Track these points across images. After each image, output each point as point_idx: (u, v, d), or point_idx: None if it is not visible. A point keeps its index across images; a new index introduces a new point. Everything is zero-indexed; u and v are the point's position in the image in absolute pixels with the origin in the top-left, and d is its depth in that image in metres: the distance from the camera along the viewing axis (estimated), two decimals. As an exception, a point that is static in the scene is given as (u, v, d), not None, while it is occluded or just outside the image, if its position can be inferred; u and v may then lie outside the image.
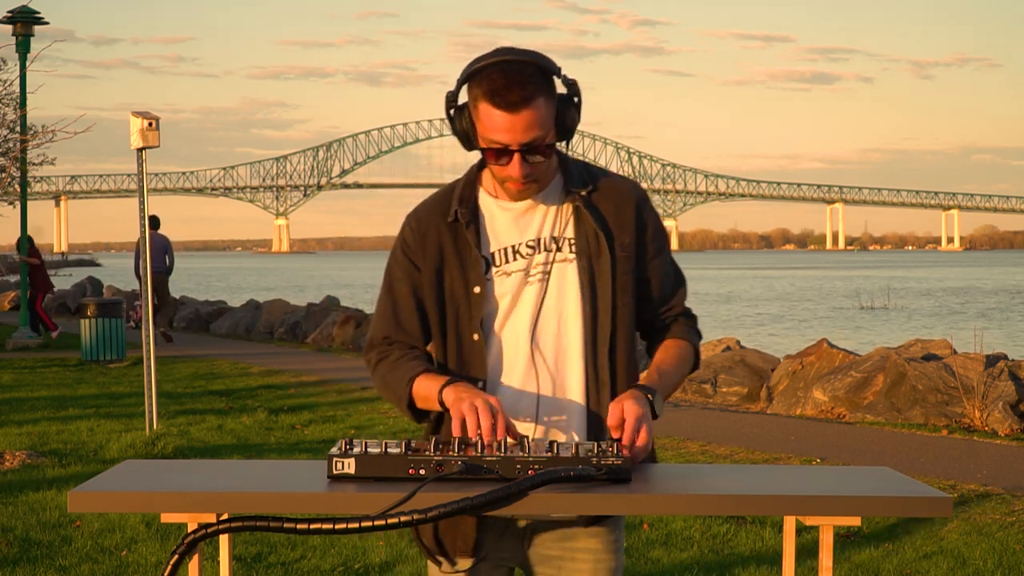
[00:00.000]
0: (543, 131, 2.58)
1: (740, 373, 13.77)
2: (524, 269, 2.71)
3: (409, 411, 2.70)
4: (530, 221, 2.72)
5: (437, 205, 2.75)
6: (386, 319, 2.76)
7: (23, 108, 18.78)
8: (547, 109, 2.58)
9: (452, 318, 2.71)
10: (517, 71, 2.56)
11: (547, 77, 2.60)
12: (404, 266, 2.74)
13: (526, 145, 2.58)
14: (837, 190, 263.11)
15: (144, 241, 10.46)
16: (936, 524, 6.87)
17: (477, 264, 2.69)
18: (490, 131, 2.58)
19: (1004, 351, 13.71)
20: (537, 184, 2.67)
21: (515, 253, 2.71)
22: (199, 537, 2.37)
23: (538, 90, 2.56)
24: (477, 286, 2.68)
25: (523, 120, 2.55)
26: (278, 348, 20.65)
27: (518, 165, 2.60)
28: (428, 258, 2.71)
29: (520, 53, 2.59)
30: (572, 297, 2.71)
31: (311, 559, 6.12)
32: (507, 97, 2.54)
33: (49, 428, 10.51)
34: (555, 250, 2.71)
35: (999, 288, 59.39)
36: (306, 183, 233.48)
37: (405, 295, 2.73)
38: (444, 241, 2.71)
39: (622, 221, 2.73)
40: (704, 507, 2.46)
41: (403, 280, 2.74)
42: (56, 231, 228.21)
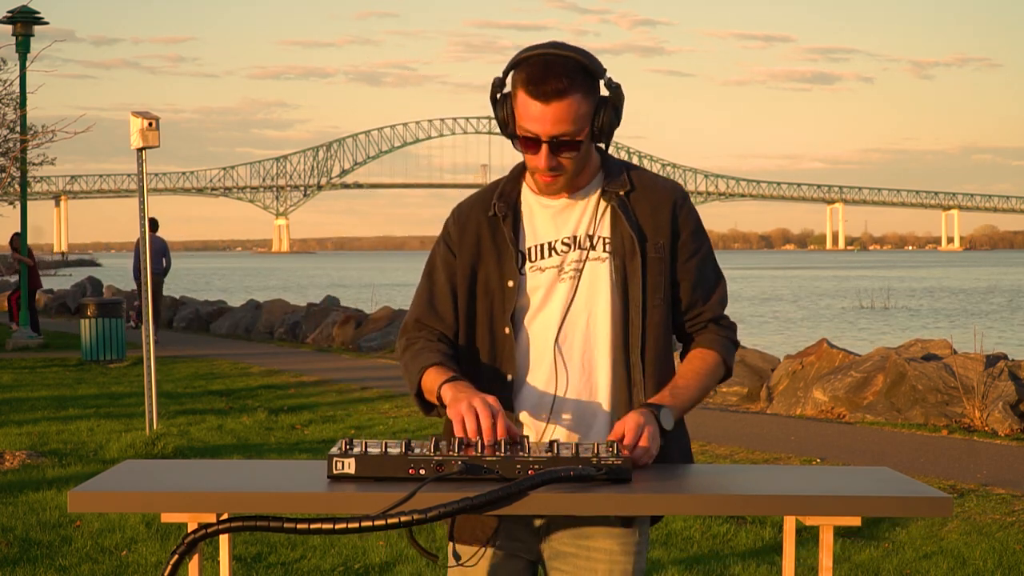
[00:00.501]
0: (574, 127, 2.60)
1: (740, 373, 13.77)
2: (558, 266, 2.73)
3: (417, 400, 2.74)
4: (568, 218, 2.75)
5: (480, 199, 2.81)
6: (422, 303, 2.80)
7: (23, 108, 18.79)
8: (583, 107, 2.60)
9: (485, 310, 2.74)
10: (559, 64, 2.58)
11: (590, 76, 2.62)
12: (444, 255, 2.79)
13: (555, 138, 2.60)
14: (837, 190, 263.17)
15: (144, 241, 10.46)
16: (936, 524, 6.87)
17: (512, 258, 2.72)
18: (524, 119, 2.61)
19: (1004, 351, 13.70)
20: (565, 178, 2.68)
21: (551, 249, 2.74)
22: (199, 537, 2.37)
23: (575, 86, 2.58)
24: (511, 280, 2.72)
25: (554, 112, 2.57)
26: (278, 348, 20.65)
27: (544, 157, 2.62)
28: (465, 249, 2.76)
29: (568, 49, 2.61)
30: (603, 296, 2.72)
31: (311, 559, 6.12)
32: (542, 87, 2.57)
33: (49, 428, 10.51)
34: (589, 248, 2.73)
35: (999, 288, 59.38)
36: (306, 183, 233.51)
37: (442, 282, 2.78)
38: (483, 234, 2.75)
39: (658, 222, 2.73)
40: (704, 507, 2.46)
41: (442, 268, 2.79)
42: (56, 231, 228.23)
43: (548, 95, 2.56)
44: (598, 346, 2.72)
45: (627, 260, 2.70)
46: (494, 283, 2.73)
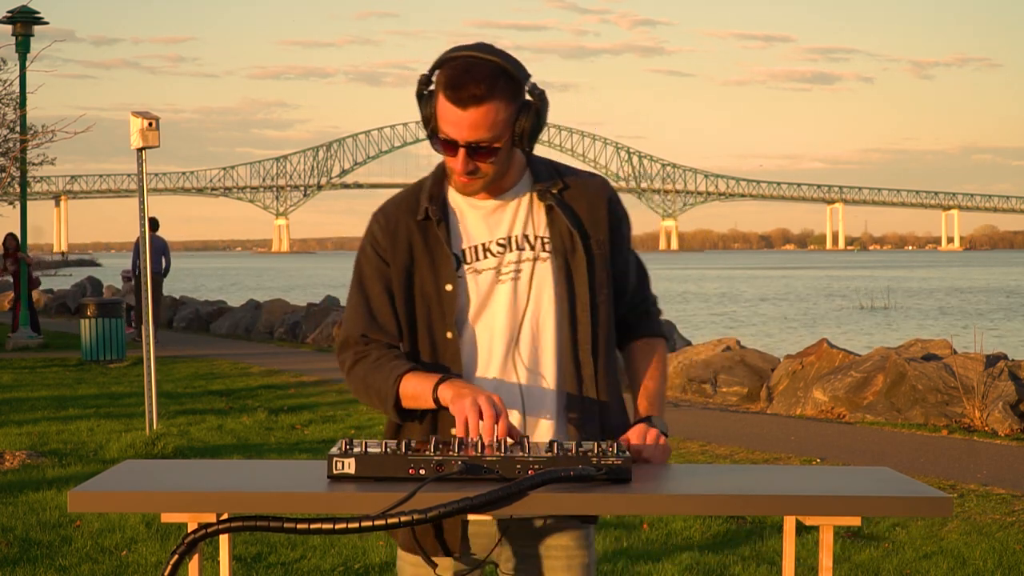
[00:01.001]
0: (492, 134, 2.58)
1: (740, 373, 13.77)
2: (495, 267, 2.71)
3: (395, 411, 2.67)
4: (500, 219, 2.73)
5: (405, 202, 2.74)
6: (360, 316, 2.73)
7: (23, 108, 18.81)
8: (501, 113, 2.58)
9: (423, 316, 2.70)
10: (479, 69, 2.55)
11: (513, 82, 2.59)
12: (375, 263, 2.73)
13: (471, 144, 2.59)
14: (837, 190, 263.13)
15: (144, 241, 10.46)
16: (936, 524, 6.87)
17: (448, 262, 2.69)
18: (442, 122, 2.60)
19: (1004, 351, 13.70)
20: (483, 181, 2.66)
21: (485, 251, 2.72)
22: (199, 537, 2.37)
23: (495, 92, 2.56)
24: (449, 284, 2.68)
25: (471, 118, 2.56)
26: (278, 348, 20.65)
27: (461, 161, 2.61)
28: (398, 255, 2.70)
29: (492, 52, 2.59)
30: (547, 295, 2.72)
31: (311, 559, 6.12)
32: (460, 92, 2.55)
33: (49, 428, 10.51)
34: (527, 248, 2.72)
35: (999, 288, 59.38)
36: (306, 183, 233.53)
37: (378, 292, 2.72)
38: (414, 239, 2.70)
39: (596, 218, 2.75)
40: (704, 507, 2.46)
41: (374, 277, 2.72)
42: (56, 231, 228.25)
43: (466, 101, 2.54)
44: (545, 345, 2.72)
45: (570, 258, 2.71)
46: (430, 288, 2.69)
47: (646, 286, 2.90)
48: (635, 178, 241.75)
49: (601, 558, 6.15)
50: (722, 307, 44.37)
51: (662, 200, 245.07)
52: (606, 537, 6.51)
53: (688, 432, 10.58)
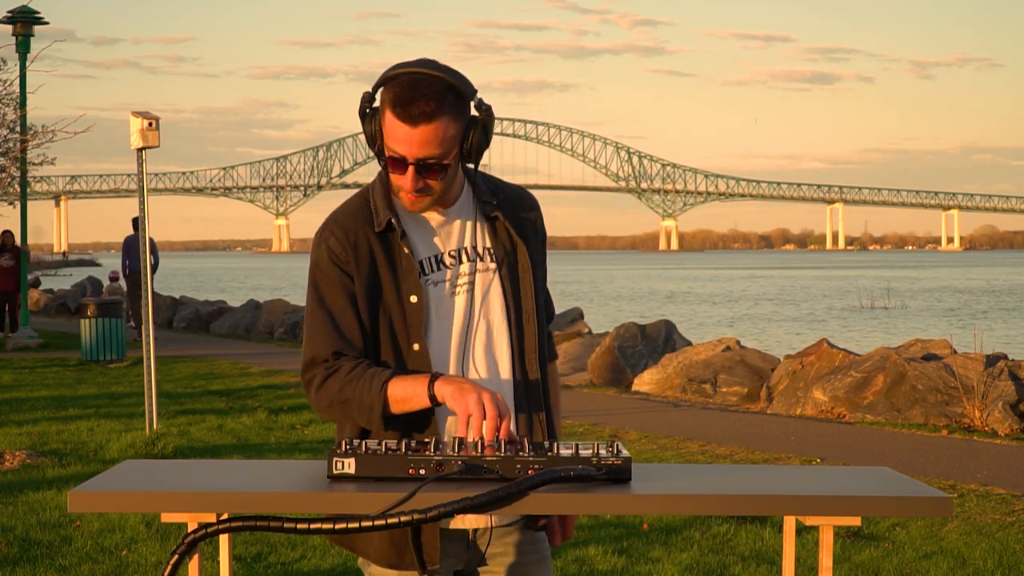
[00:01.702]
0: (441, 150, 2.58)
1: (740, 373, 13.77)
2: (449, 279, 2.72)
3: (380, 419, 2.62)
4: (449, 232, 2.74)
5: (358, 214, 2.71)
6: (327, 333, 2.65)
7: (23, 108, 18.81)
8: (450, 129, 2.58)
9: (387, 328, 2.67)
10: (427, 85, 2.55)
11: (459, 98, 2.59)
12: (335, 277, 2.67)
13: (421, 160, 2.58)
14: (837, 190, 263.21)
15: (144, 241, 10.46)
16: (936, 524, 6.88)
17: (412, 273, 2.67)
18: (391, 140, 2.59)
19: (1004, 351, 13.71)
20: (432, 198, 2.67)
21: (439, 263, 2.72)
22: (199, 537, 2.37)
23: (443, 109, 2.56)
24: (414, 295, 2.67)
25: (421, 135, 2.55)
26: (278, 348, 20.66)
27: (411, 178, 2.60)
28: (361, 268, 2.66)
29: (437, 68, 2.59)
30: (497, 305, 2.75)
31: (311, 559, 6.12)
32: (409, 110, 2.54)
33: (49, 428, 10.52)
34: (477, 259, 2.75)
35: (999, 288, 59.39)
36: (306, 183, 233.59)
37: (342, 306, 2.66)
38: (376, 250, 2.67)
39: (531, 229, 2.81)
40: (704, 507, 2.46)
41: (337, 291, 2.67)
42: (56, 231, 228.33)
43: (415, 118, 2.54)
44: (501, 354, 2.74)
45: (513, 268, 2.76)
46: (392, 300, 2.66)
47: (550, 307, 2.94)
48: (635, 178, 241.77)
49: (601, 558, 6.15)
50: (722, 307, 44.38)
51: (662, 200, 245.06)
52: (606, 537, 6.52)
53: (688, 432, 10.58)
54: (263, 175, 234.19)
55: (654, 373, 14.54)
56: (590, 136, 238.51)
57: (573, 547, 6.31)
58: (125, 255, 19.87)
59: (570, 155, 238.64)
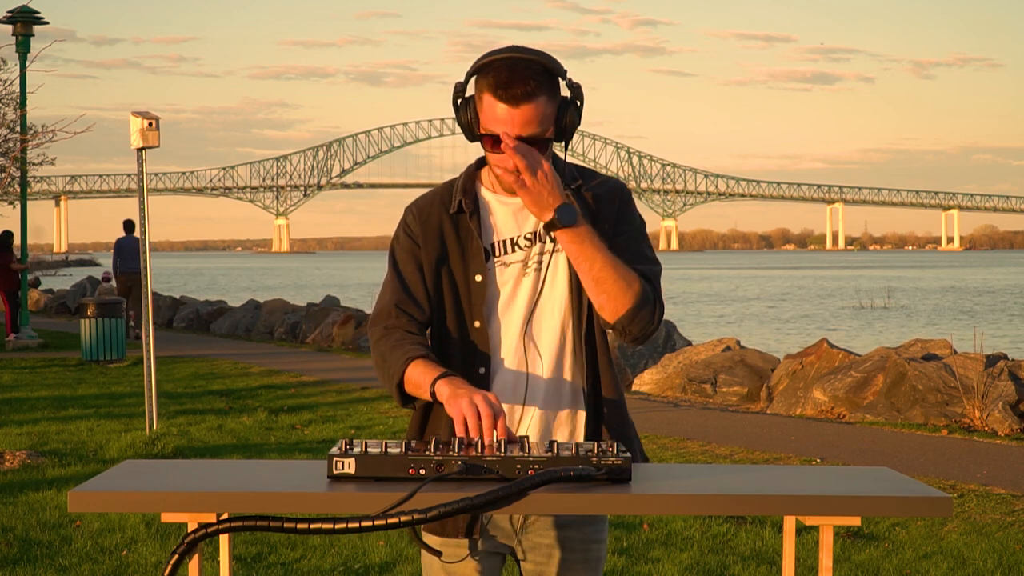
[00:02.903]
0: (541, 128, 2.67)
1: (740, 373, 13.77)
2: (523, 260, 2.80)
3: (398, 392, 2.72)
4: (528, 215, 2.81)
5: (438, 197, 2.85)
6: (395, 290, 2.80)
7: (23, 108, 18.81)
8: (548, 108, 2.67)
9: (452, 305, 2.79)
10: (523, 68, 2.65)
11: (552, 77, 2.69)
12: (408, 248, 2.82)
13: (524, 139, 2.66)
14: (837, 190, 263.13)
15: (144, 243, 10.46)
16: (936, 524, 6.88)
17: (478, 253, 2.78)
18: (491, 122, 2.67)
19: (1004, 351, 13.72)
20: None
21: (514, 245, 2.81)
22: (199, 537, 2.37)
23: (540, 88, 2.65)
24: (478, 274, 2.77)
25: (522, 114, 2.65)
26: (278, 348, 20.65)
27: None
28: (430, 245, 2.80)
29: (529, 52, 2.68)
30: (563, 285, 2.81)
31: (311, 559, 6.12)
32: (510, 91, 2.63)
33: (49, 428, 10.52)
34: (549, 241, 2.81)
35: (999, 288, 59.38)
36: (306, 183, 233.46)
37: (412, 271, 2.80)
38: (446, 230, 2.80)
39: (605, 213, 2.82)
40: (704, 507, 2.46)
41: (408, 261, 2.81)
42: (56, 231, 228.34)
43: (517, 98, 2.63)
44: (566, 332, 2.80)
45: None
46: (460, 278, 2.79)
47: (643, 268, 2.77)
48: (635, 178, 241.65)
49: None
50: (722, 307, 44.37)
51: (662, 200, 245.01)
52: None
53: (688, 432, 10.58)
54: (263, 175, 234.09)
55: (654, 373, 14.54)
56: (590, 136, 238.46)
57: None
58: (116, 256, 20.13)
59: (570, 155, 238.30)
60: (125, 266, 20.08)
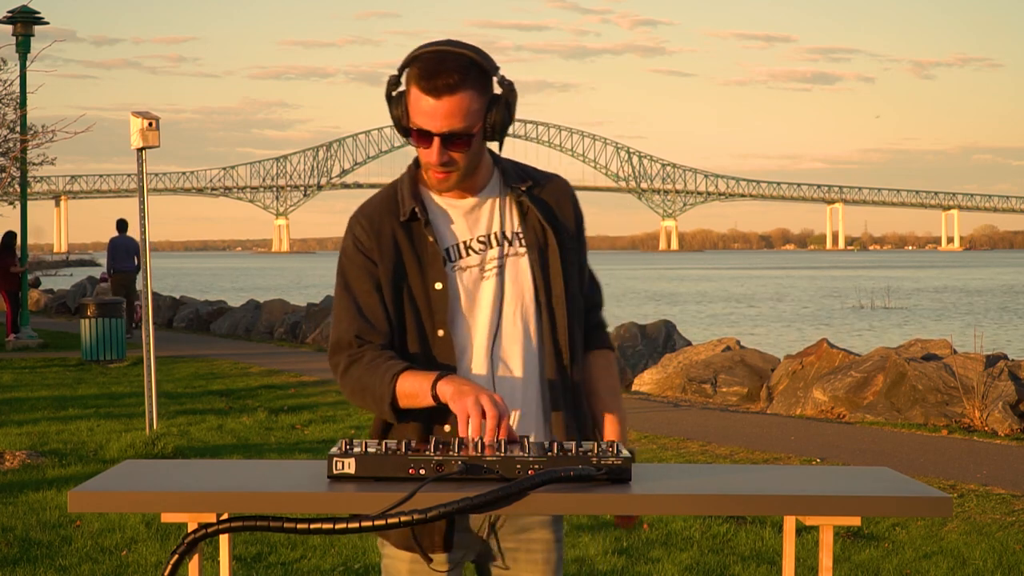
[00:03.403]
0: (466, 123, 2.62)
1: (740, 373, 13.78)
2: (479, 264, 2.75)
3: (391, 410, 2.66)
4: (478, 217, 2.77)
5: (385, 205, 2.76)
6: (352, 317, 2.71)
7: (23, 108, 18.81)
8: (474, 103, 2.62)
9: (413, 316, 2.72)
10: (451, 60, 2.60)
11: (482, 73, 2.63)
12: (361, 264, 2.73)
13: (446, 133, 2.62)
14: (837, 190, 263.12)
15: (145, 242, 10.46)
16: (936, 524, 6.88)
17: (436, 260, 2.71)
18: (415, 115, 2.63)
19: (1004, 351, 13.73)
20: (458, 175, 2.69)
21: (468, 249, 2.76)
22: (199, 537, 2.37)
23: (466, 82, 2.60)
24: (438, 282, 2.71)
25: (446, 107, 2.59)
26: (278, 348, 20.65)
27: (436, 151, 2.64)
28: (386, 257, 2.71)
29: (460, 46, 2.63)
30: (527, 289, 2.77)
31: (311, 559, 6.12)
32: (434, 82, 2.58)
33: (49, 428, 10.52)
34: (506, 244, 2.77)
35: (999, 288, 59.38)
36: (306, 183, 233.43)
37: (367, 291, 2.71)
38: (400, 239, 2.72)
39: (564, 214, 2.82)
40: (704, 507, 2.46)
41: (362, 278, 2.72)
42: (56, 231, 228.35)
43: (440, 90, 2.58)
44: (530, 338, 2.76)
45: (546, 252, 2.77)
46: (419, 288, 2.71)
47: (599, 293, 2.95)
48: (635, 178, 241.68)
49: (601, 558, 6.15)
50: (722, 307, 44.38)
51: (662, 200, 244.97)
52: (606, 537, 6.51)
53: (688, 432, 10.58)
54: (263, 175, 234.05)
55: (654, 373, 14.54)
56: (590, 136, 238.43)
57: (573, 547, 6.31)
58: (110, 255, 20.19)
59: (570, 155, 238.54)
60: (119, 266, 20.16)
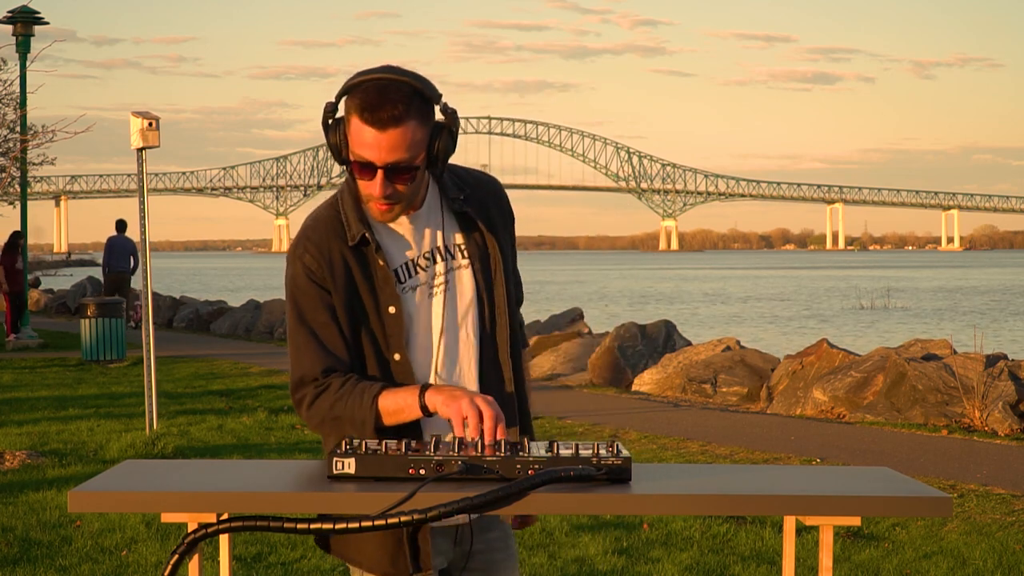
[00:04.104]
0: (410, 154, 2.56)
1: (740, 373, 13.77)
2: (426, 282, 2.72)
3: (375, 434, 2.61)
4: (421, 235, 2.72)
5: (330, 228, 2.68)
6: (313, 352, 2.64)
7: (23, 108, 18.82)
8: (417, 132, 2.56)
9: (369, 341, 2.66)
10: (394, 90, 2.54)
11: (425, 102, 2.58)
12: (315, 294, 2.65)
13: (391, 165, 2.56)
14: (837, 190, 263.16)
15: (145, 243, 10.47)
16: (936, 524, 6.88)
17: (388, 284, 2.66)
18: (358, 146, 2.57)
19: (1004, 351, 13.72)
20: (401, 206, 2.65)
21: (415, 267, 2.71)
22: (199, 537, 2.37)
23: (410, 113, 2.54)
24: (391, 306, 2.66)
25: (390, 139, 2.54)
26: (278, 348, 20.64)
27: (380, 184, 2.58)
28: (339, 283, 2.64)
29: (402, 73, 2.58)
30: (471, 301, 2.75)
31: (311, 559, 6.12)
32: (377, 114, 2.52)
33: (49, 428, 10.52)
34: (449, 258, 2.74)
35: (999, 288, 59.39)
36: (306, 183, 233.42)
37: (324, 322, 2.64)
38: (350, 264, 2.66)
39: (499, 216, 2.81)
40: (704, 507, 2.46)
41: (318, 309, 2.65)
42: (56, 231, 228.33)
43: (384, 122, 2.52)
44: (472, 351, 2.74)
45: (488, 262, 2.76)
46: (372, 312, 2.65)
47: (521, 290, 2.94)
48: (635, 178, 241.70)
49: (601, 558, 6.15)
50: (722, 307, 44.38)
51: (662, 200, 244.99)
52: (606, 537, 6.52)
53: (688, 432, 10.58)
54: (263, 175, 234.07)
55: (654, 373, 14.54)
56: (590, 136, 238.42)
57: (573, 547, 6.31)
58: (107, 255, 20.23)
59: (570, 155, 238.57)
60: (115, 265, 20.21)
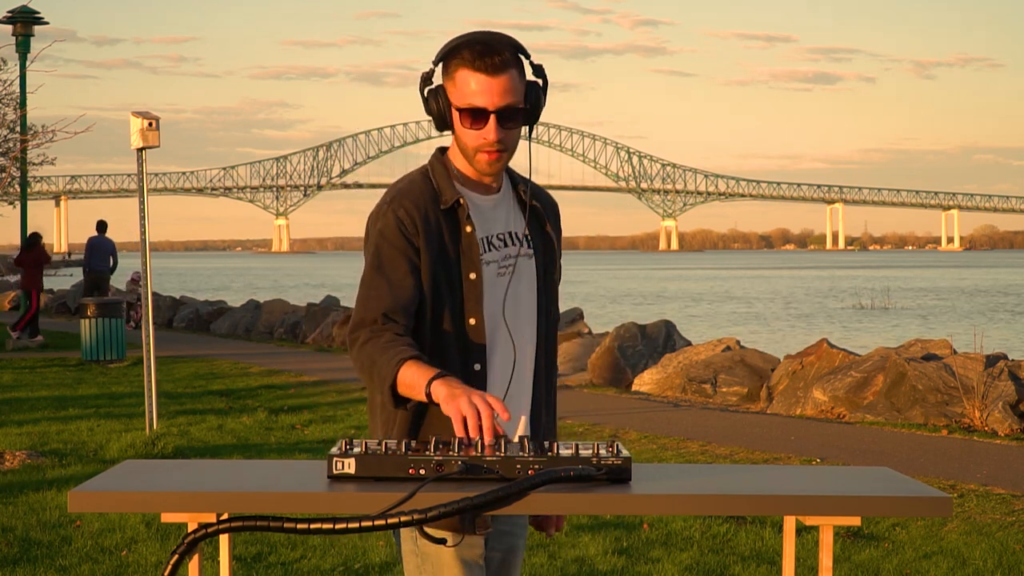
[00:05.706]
0: (517, 99, 2.72)
1: (740, 373, 13.77)
2: (498, 260, 2.82)
3: (390, 394, 2.65)
4: (498, 215, 2.85)
5: (423, 191, 2.78)
6: (382, 297, 2.71)
7: (23, 108, 18.83)
8: (519, 83, 2.73)
9: (447, 303, 2.76)
10: (497, 41, 2.71)
11: (522, 56, 2.75)
12: (402, 247, 2.72)
13: (502, 109, 2.68)
14: (837, 190, 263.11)
15: (145, 241, 10.47)
16: (936, 524, 6.88)
17: (474, 251, 2.77)
18: (468, 96, 2.69)
19: (1004, 351, 13.71)
20: (506, 157, 2.77)
21: (490, 244, 2.82)
22: (199, 537, 2.37)
23: (513, 62, 2.71)
24: (473, 272, 2.77)
25: (501, 83, 2.68)
26: (278, 348, 20.65)
27: (494, 128, 2.69)
28: (431, 242, 2.73)
29: (495, 33, 2.74)
30: (531, 290, 2.87)
31: (311, 559, 6.12)
32: (490, 59, 2.67)
33: (49, 428, 10.51)
34: (519, 245, 2.86)
35: (999, 288, 59.39)
36: (306, 183, 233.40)
37: (403, 274, 2.71)
38: (442, 227, 2.76)
39: (555, 229, 2.96)
40: (704, 507, 2.46)
41: (399, 261, 2.72)
42: (56, 231, 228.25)
43: (496, 67, 2.67)
44: (531, 335, 2.86)
45: (549, 257, 2.90)
46: (454, 275, 2.76)
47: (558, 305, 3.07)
48: (635, 178, 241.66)
49: (601, 558, 6.15)
50: (722, 307, 44.38)
51: (662, 200, 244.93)
52: (606, 537, 6.52)
53: (688, 432, 10.58)
54: (263, 175, 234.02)
55: (654, 373, 14.54)
56: (590, 136, 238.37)
57: (573, 547, 6.31)
58: (88, 255, 20.24)
59: (570, 155, 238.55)
60: (95, 265, 20.23)
